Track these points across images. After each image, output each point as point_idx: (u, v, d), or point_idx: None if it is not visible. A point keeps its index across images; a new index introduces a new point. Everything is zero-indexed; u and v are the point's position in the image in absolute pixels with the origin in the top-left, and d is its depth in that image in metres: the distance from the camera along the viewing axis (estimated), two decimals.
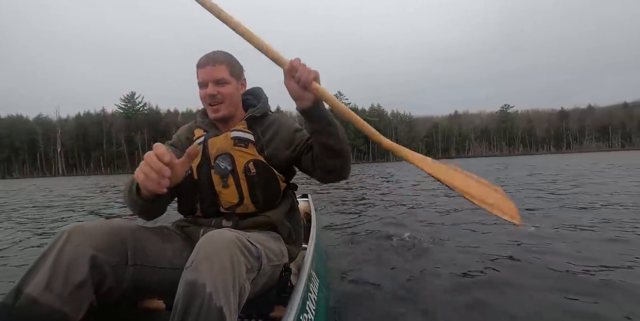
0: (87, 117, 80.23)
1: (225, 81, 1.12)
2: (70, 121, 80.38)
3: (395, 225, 3.72)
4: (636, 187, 6.09)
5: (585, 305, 1.61)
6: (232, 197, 1.10)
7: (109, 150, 75.20)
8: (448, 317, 1.55)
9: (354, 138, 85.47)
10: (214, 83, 1.10)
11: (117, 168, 73.75)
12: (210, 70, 1.10)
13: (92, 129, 76.11)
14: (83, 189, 14.53)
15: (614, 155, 32.92)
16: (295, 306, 0.91)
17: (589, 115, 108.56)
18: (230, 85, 1.14)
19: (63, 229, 0.81)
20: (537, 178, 9.04)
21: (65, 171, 74.22)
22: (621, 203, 4.41)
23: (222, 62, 1.11)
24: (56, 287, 0.71)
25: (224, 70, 1.12)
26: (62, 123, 77.69)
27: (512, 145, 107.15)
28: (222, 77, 1.11)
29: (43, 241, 3.65)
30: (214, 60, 1.10)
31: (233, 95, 1.16)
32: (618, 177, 8.39)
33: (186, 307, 0.66)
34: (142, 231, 0.95)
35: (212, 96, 1.10)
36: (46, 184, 22.96)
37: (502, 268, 2.15)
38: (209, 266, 0.70)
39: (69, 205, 7.68)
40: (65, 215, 5.97)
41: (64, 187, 17.74)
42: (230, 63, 1.14)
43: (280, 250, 1.06)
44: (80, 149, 76.31)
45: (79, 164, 76.84)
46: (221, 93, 1.11)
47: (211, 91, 1.10)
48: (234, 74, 1.15)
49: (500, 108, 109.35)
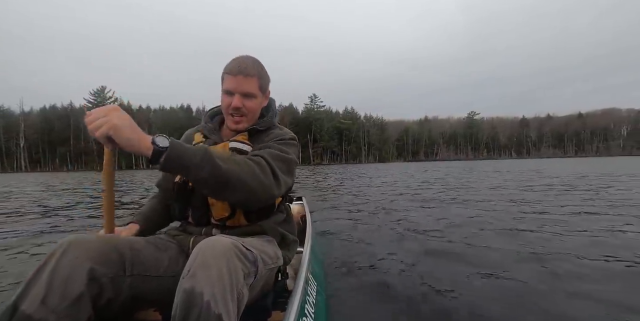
0: (52, 111, 77.21)
1: (253, 95, 1.10)
2: (34, 114, 76.98)
3: (393, 225, 3.71)
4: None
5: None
6: (224, 210, 1.05)
7: (76, 145, 72.93)
8: (447, 317, 1.56)
9: (327, 140, 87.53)
10: (241, 95, 1.07)
11: (85, 165, 71.76)
12: (241, 80, 1.06)
13: (59, 123, 73.41)
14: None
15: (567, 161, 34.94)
16: (294, 311, 0.88)
17: (548, 123, 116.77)
18: (257, 100, 1.12)
19: (60, 242, 0.79)
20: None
21: (28, 167, 71.21)
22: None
23: (254, 75, 1.08)
24: (52, 302, 0.70)
25: (255, 83, 1.09)
26: (25, 116, 74.25)
27: (477, 150, 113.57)
28: (251, 92, 1.08)
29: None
30: (247, 72, 1.06)
31: (257, 110, 1.14)
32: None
33: (184, 316, 0.66)
34: (138, 241, 0.95)
35: (237, 109, 1.08)
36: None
37: (518, 273, 2.09)
38: (206, 274, 0.69)
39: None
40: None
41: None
42: (261, 76, 1.11)
43: (275, 252, 1.04)
44: (45, 144, 73.41)
45: (44, 160, 73.94)
46: (246, 107, 1.09)
47: (237, 104, 1.07)
48: (262, 88, 1.13)
49: (467, 114, 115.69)
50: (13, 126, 71.51)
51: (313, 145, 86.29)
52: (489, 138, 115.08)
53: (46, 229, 4.00)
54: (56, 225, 4.28)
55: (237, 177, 0.88)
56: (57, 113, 76.24)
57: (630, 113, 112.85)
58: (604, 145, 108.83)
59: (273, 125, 1.23)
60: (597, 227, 3.33)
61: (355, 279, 2.05)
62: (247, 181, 0.90)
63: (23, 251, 2.96)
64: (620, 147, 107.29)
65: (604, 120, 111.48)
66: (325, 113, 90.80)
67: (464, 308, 1.64)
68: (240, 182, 0.89)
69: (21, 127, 71.12)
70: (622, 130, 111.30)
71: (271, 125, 1.22)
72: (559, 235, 3.03)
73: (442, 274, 2.10)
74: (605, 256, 2.38)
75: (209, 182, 0.86)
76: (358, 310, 1.65)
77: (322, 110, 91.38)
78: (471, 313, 1.59)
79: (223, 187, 0.88)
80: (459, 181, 10.46)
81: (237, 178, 0.88)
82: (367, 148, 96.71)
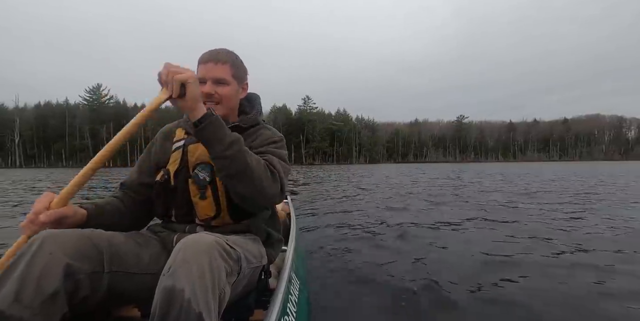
0: (47, 107, 77.97)
1: (226, 82, 1.07)
2: (29, 111, 77.58)
3: (374, 223, 3.85)
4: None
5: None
6: (209, 209, 1.03)
7: (72, 142, 73.88)
8: (429, 314, 1.60)
9: (320, 140, 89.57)
10: (213, 82, 1.05)
11: (80, 161, 72.53)
12: (212, 67, 1.05)
13: (54, 120, 74.12)
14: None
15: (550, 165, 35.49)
16: (276, 309, 0.88)
17: (534, 128, 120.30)
18: (230, 87, 1.09)
19: (34, 236, 0.77)
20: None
21: (23, 163, 72.02)
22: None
23: (225, 62, 1.07)
24: (26, 298, 0.68)
25: (227, 70, 1.07)
26: (20, 112, 74.85)
27: (465, 153, 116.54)
28: (223, 77, 1.06)
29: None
30: (218, 59, 1.06)
31: (231, 98, 1.11)
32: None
33: (164, 314, 0.65)
34: (118, 237, 0.92)
35: (208, 95, 1.04)
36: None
37: (482, 267, 2.23)
38: (187, 272, 0.68)
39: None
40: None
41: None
42: (235, 64, 1.10)
43: (259, 251, 1.03)
44: (40, 140, 74.18)
45: (39, 156, 74.76)
46: (219, 93, 1.06)
47: (208, 89, 1.04)
48: (237, 76, 1.11)
49: (456, 118, 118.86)
50: (7, 122, 72.06)
51: (305, 146, 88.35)
52: (477, 141, 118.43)
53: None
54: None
55: (254, 171, 0.91)
56: (52, 109, 77.00)
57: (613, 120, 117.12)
58: (586, 149, 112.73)
59: (259, 124, 1.20)
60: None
61: (338, 278, 2.09)
62: (262, 180, 0.93)
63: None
64: (602, 151, 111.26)
65: (589, 126, 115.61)
66: (317, 115, 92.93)
67: (447, 306, 1.69)
68: (255, 176, 0.91)
69: (16, 123, 71.76)
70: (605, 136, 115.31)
71: (256, 123, 1.19)
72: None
73: (425, 272, 2.15)
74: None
75: (230, 162, 0.89)
76: (340, 308, 1.67)
77: (315, 111, 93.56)
78: (453, 311, 1.64)
79: (239, 174, 0.90)
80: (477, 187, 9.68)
81: (253, 172, 0.91)
82: (358, 149, 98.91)
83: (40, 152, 74.98)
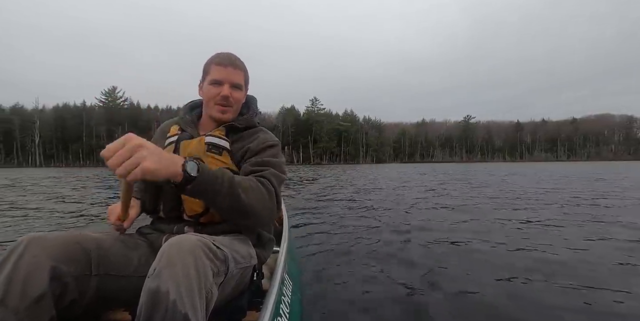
0: (66, 109, 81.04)
1: (241, 87, 1.13)
2: (48, 112, 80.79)
3: (367, 224, 3.81)
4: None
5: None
6: (197, 205, 1.02)
7: (88, 142, 76.55)
8: (419, 316, 1.59)
9: (327, 141, 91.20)
10: (231, 86, 1.10)
11: (96, 161, 75.21)
12: (232, 71, 1.10)
13: (72, 121, 77.14)
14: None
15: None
16: (268, 311, 0.87)
17: (542, 128, 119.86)
18: (242, 92, 1.15)
19: (20, 239, 0.76)
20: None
21: (43, 162, 74.91)
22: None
23: (242, 69, 1.13)
24: (12, 302, 0.67)
25: (242, 76, 1.13)
26: (39, 114, 77.96)
27: (471, 153, 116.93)
28: (240, 83, 1.12)
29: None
30: (236, 64, 1.11)
31: (240, 103, 1.17)
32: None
33: (149, 316, 0.64)
34: (106, 239, 0.91)
35: (226, 98, 1.10)
36: (14, 175, 21.47)
37: (476, 269, 2.19)
38: (172, 273, 0.67)
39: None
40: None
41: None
42: (246, 71, 1.17)
43: (247, 251, 1.01)
44: (59, 141, 77.24)
45: (57, 156, 77.73)
46: (234, 97, 1.11)
47: (227, 92, 1.09)
48: (247, 82, 1.18)
49: (463, 118, 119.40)
50: (28, 123, 75.18)
51: (313, 146, 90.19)
52: (483, 141, 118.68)
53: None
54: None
55: (252, 208, 0.92)
56: (70, 111, 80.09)
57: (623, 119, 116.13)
58: (595, 150, 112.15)
59: (255, 126, 1.22)
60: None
61: (331, 279, 2.07)
62: (260, 210, 0.94)
63: None
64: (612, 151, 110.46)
65: (598, 125, 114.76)
66: (325, 116, 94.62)
67: (440, 308, 1.68)
68: (254, 212, 0.93)
69: (36, 124, 74.80)
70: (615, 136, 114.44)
71: (252, 124, 1.20)
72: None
73: (421, 275, 2.12)
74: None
75: (227, 210, 0.90)
76: (334, 309, 1.66)
77: (323, 112, 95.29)
78: (447, 313, 1.63)
79: (238, 215, 0.92)
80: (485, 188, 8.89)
81: (252, 209, 0.92)
82: (365, 149, 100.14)
83: (59, 152, 78.02)
